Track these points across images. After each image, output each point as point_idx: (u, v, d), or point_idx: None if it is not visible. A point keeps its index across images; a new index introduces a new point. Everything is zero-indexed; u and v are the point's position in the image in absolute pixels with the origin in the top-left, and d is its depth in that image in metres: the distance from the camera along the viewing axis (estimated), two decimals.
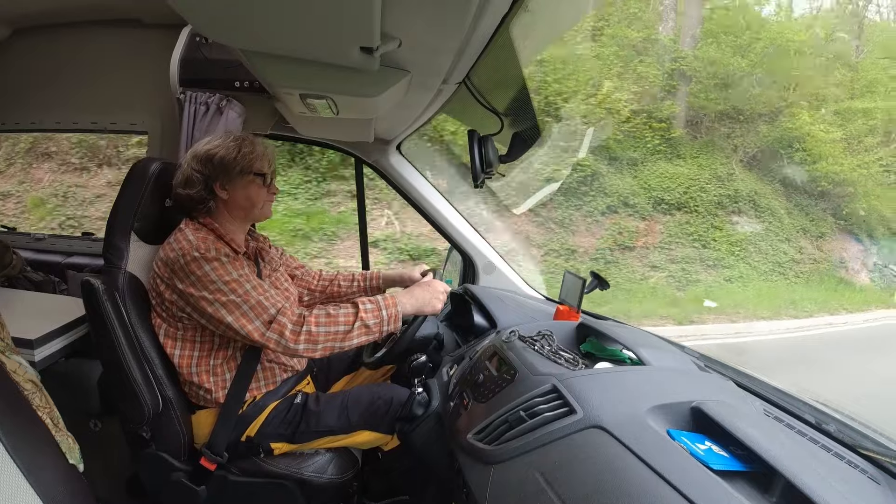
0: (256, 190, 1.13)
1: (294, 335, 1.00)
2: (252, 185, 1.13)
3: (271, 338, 1.00)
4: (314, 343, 1.01)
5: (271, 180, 1.17)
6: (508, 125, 1.19)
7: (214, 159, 1.10)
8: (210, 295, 1.00)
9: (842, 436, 0.84)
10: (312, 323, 1.01)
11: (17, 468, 0.59)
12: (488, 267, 1.77)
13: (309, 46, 0.74)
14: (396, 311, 1.07)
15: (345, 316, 1.04)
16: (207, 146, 1.12)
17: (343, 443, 1.18)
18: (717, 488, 0.59)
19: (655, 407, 0.76)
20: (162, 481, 1.14)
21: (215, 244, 1.04)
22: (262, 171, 1.13)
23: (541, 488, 0.69)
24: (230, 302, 1.00)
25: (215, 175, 1.10)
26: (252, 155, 1.11)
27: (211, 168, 1.10)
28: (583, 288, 1.42)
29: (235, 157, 1.10)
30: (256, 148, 1.13)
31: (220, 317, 1.00)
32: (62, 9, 1.63)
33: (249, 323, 1.00)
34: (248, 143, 1.12)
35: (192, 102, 1.47)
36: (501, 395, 0.94)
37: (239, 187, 1.12)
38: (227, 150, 1.10)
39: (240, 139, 1.13)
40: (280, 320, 1.00)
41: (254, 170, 1.12)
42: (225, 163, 1.09)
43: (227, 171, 1.10)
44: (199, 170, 1.10)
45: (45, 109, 1.77)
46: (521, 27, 0.79)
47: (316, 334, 1.01)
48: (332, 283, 1.43)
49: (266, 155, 1.14)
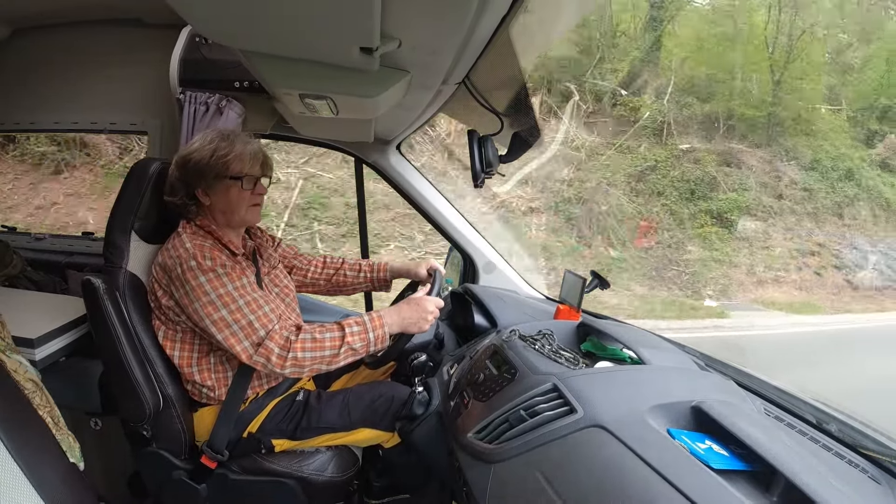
0: (237, 194, 1.08)
1: (280, 360, 0.99)
2: (231, 190, 1.08)
3: (258, 361, 1.00)
4: (300, 367, 1.01)
5: (257, 181, 1.11)
6: (508, 125, 1.19)
7: (189, 165, 1.07)
8: (202, 309, 0.99)
9: (842, 435, 0.84)
10: (298, 349, 1.00)
11: (18, 467, 0.59)
12: (488, 266, 1.77)
13: (309, 47, 0.74)
14: (383, 332, 1.06)
15: (331, 340, 1.02)
16: (185, 150, 1.09)
17: (344, 440, 1.18)
18: (717, 487, 0.59)
19: (656, 406, 0.76)
20: (162, 480, 1.14)
21: (212, 252, 1.03)
22: (239, 173, 1.07)
23: (541, 487, 0.69)
24: (221, 320, 0.99)
25: (194, 181, 1.07)
26: (227, 157, 1.06)
27: (188, 174, 1.07)
28: (583, 287, 1.42)
29: (209, 162, 1.05)
30: (234, 148, 1.07)
31: (210, 332, 1.00)
32: (62, 9, 1.63)
33: (238, 343, 1.00)
34: (225, 145, 1.07)
35: (191, 102, 1.48)
36: (502, 394, 0.94)
37: (219, 192, 1.08)
38: (202, 155, 1.06)
39: (216, 140, 1.08)
40: (268, 345, 0.99)
41: (230, 173, 1.06)
42: (199, 168, 1.06)
43: (202, 176, 1.06)
44: (179, 176, 1.08)
45: (45, 109, 1.77)
46: (520, 27, 0.80)
47: (302, 359, 1.00)
48: (337, 272, 1.41)
49: (246, 154, 1.08)
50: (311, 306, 1.90)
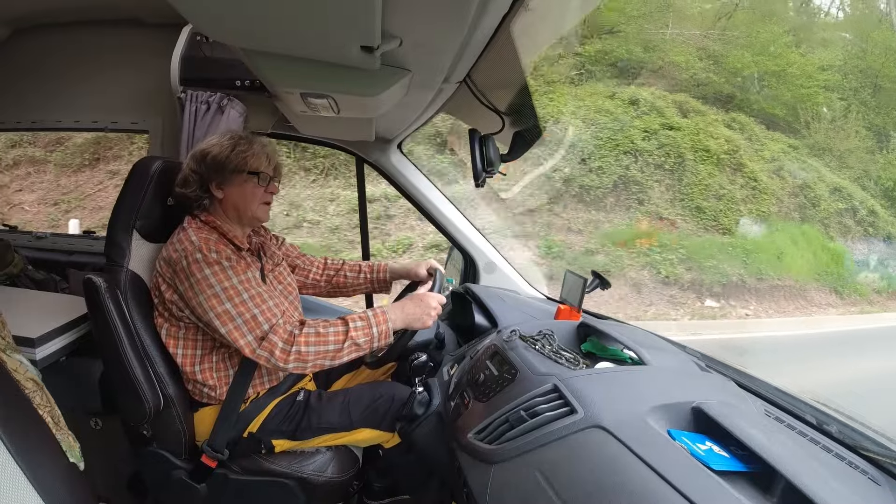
0: (251, 189, 1.12)
1: (284, 354, 1.00)
2: (247, 184, 1.11)
3: (262, 355, 1.00)
4: (303, 362, 1.01)
5: (270, 180, 1.15)
6: (509, 124, 1.19)
7: (208, 158, 1.10)
8: (206, 302, 1.00)
9: (843, 437, 0.83)
10: (302, 343, 1.00)
11: (18, 466, 0.59)
12: (489, 266, 1.77)
13: (310, 46, 0.74)
14: (387, 327, 1.06)
15: (335, 335, 1.03)
16: (203, 145, 1.12)
17: (344, 440, 1.18)
18: (717, 488, 0.59)
19: (656, 407, 0.76)
20: (163, 479, 1.14)
21: (217, 245, 1.04)
22: (257, 169, 1.11)
23: (541, 488, 0.69)
24: (225, 313, 1.00)
25: (210, 174, 1.10)
26: (247, 153, 1.10)
27: (205, 167, 1.10)
28: (584, 287, 1.42)
29: (228, 156, 1.09)
30: (253, 146, 1.11)
31: (214, 326, 1.01)
32: (62, 9, 1.63)
33: (242, 337, 1.00)
34: (245, 142, 1.11)
35: (192, 101, 1.47)
36: (502, 394, 0.94)
37: (234, 186, 1.11)
38: (221, 149, 1.10)
39: (236, 137, 1.12)
40: (271, 339, 1.00)
41: (248, 168, 1.10)
42: (218, 161, 1.09)
43: (220, 169, 1.09)
44: (194, 169, 1.11)
45: (46, 109, 1.77)
46: (522, 26, 0.79)
47: (305, 354, 1.00)
48: (338, 273, 1.42)
49: (263, 153, 1.12)
50: (312, 306, 1.90)
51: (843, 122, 7.81)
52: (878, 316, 5.91)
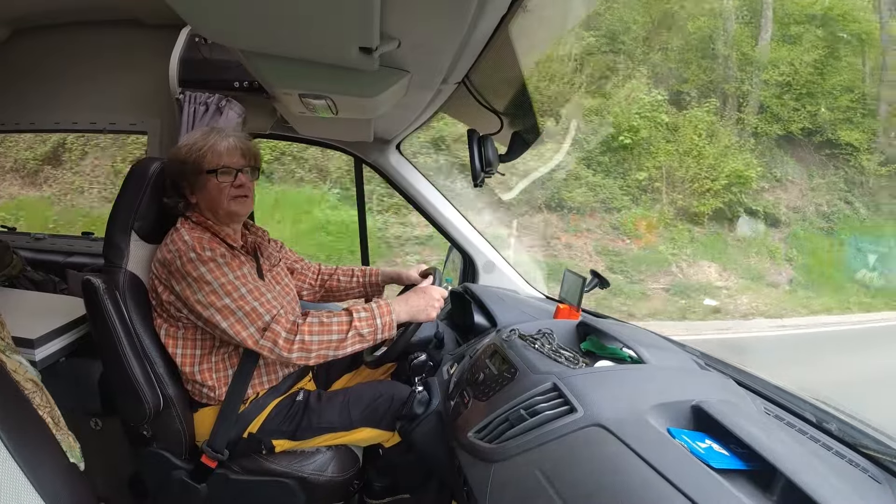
0: (215, 187, 1.07)
1: (288, 343, 0.99)
2: (209, 183, 1.07)
3: (265, 346, 0.99)
4: (307, 351, 1.00)
5: (237, 173, 1.09)
6: (508, 124, 1.19)
7: (173, 165, 1.09)
8: (205, 298, 0.99)
9: (842, 434, 0.84)
10: (306, 332, 1.00)
11: (18, 467, 0.59)
12: (488, 266, 1.77)
13: (308, 47, 0.74)
14: (391, 318, 1.06)
15: (338, 325, 1.02)
16: (171, 151, 1.11)
17: (344, 440, 1.18)
18: (717, 487, 0.59)
19: (656, 405, 0.76)
20: (163, 480, 1.14)
21: (210, 243, 1.03)
22: (215, 166, 1.06)
23: (541, 486, 0.69)
24: (225, 307, 0.99)
25: (179, 180, 1.09)
26: (202, 152, 1.06)
27: (173, 174, 1.10)
28: (583, 286, 1.42)
29: (185, 159, 1.06)
30: (208, 142, 1.06)
31: (215, 322, 1.00)
32: (62, 9, 1.63)
33: (244, 329, 0.99)
34: (201, 140, 1.07)
35: (191, 102, 1.47)
36: (502, 393, 0.94)
37: (200, 188, 1.08)
38: (179, 153, 1.08)
39: (194, 137, 1.09)
40: (274, 328, 0.99)
41: (206, 167, 1.06)
42: (180, 166, 1.08)
43: (184, 174, 1.08)
44: (168, 176, 1.11)
45: (45, 109, 1.77)
46: (520, 27, 0.80)
47: (309, 343, 1.00)
48: (331, 277, 1.42)
49: (220, 147, 1.07)
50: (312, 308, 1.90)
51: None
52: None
